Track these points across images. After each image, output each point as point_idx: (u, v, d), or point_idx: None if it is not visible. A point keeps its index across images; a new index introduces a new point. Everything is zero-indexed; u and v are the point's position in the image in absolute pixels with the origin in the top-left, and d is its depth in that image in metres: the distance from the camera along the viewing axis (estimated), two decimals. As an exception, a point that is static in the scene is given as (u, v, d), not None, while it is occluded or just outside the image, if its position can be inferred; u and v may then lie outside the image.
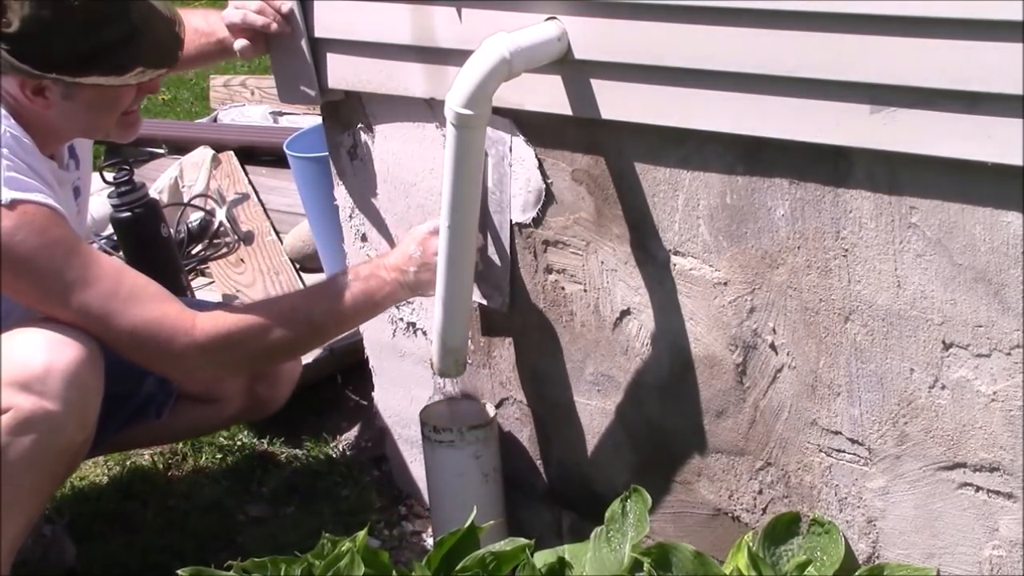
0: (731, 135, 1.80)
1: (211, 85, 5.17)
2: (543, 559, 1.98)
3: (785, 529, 1.95)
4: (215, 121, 4.74)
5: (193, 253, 3.61)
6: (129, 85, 2.17)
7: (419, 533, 2.62)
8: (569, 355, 2.21)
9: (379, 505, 2.70)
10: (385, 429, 2.74)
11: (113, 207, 3.16)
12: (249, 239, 3.62)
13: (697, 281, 1.96)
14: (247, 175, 4.00)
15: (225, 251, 3.61)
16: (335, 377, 3.01)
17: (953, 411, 1.74)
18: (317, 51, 2.28)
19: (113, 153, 4.14)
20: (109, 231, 3.49)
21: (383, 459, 2.81)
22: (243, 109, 4.74)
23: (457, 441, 2.28)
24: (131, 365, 2.22)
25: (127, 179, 3.14)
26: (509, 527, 2.34)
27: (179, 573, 1.87)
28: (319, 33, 2.25)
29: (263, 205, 3.81)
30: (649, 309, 2.05)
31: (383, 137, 2.36)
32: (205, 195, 3.80)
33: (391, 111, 2.30)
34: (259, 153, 4.16)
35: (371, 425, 2.88)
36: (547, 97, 1.98)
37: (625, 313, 2.09)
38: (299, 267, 3.43)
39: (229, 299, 3.32)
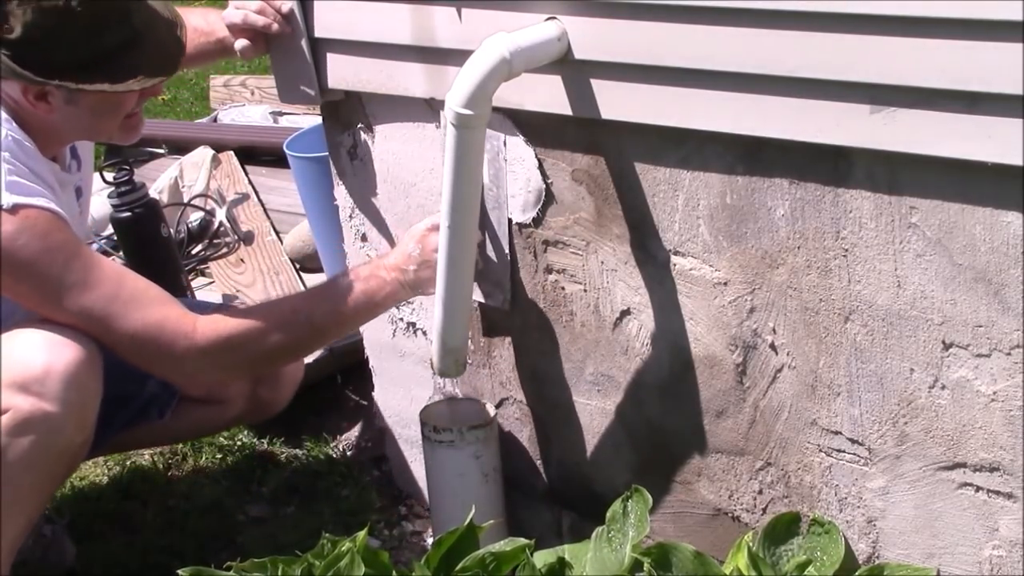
0: (731, 135, 1.80)
1: (211, 85, 5.16)
2: (543, 559, 1.98)
3: (785, 529, 1.95)
4: (215, 121, 4.73)
5: (193, 253, 3.61)
6: (132, 91, 2.17)
7: (419, 533, 2.62)
8: (569, 355, 2.21)
9: (379, 505, 2.69)
10: (385, 429, 2.74)
11: (113, 207, 3.16)
12: (249, 239, 3.62)
13: (697, 281, 1.96)
14: (247, 175, 3.99)
15: (225, 251, 3.61)
16: (335, 377, 3.01)
17: (953, 411, 1.74)
18: (317, 51, 2.28)
19: (113, 153, 4.13)
20: (109, 231, 3.49)
21: (383, 459, 2.81)
22: (243, 109, 4.73)
23: (457, 441, 2.28)
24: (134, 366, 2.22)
25: (127, 179, 3.14)
26: (509, 527, 2.33)
27: (179, 573, 1.88)
28: (319, 33, 2.25)
29: (263, 205, 3.81)
30: (649, 309, 2.05)
31: (383, 137, 2.36)
32: (205, 195, 3.80)
33: (391, 111, 2.30)
34: (259, 153, 4.16)
35: (371, 425, 2.88)
36: (547, 97, 1.98)
37: (625, 313, 2.09)
38: (299, 267, 3.43)
39: (229, 299, 3.32)
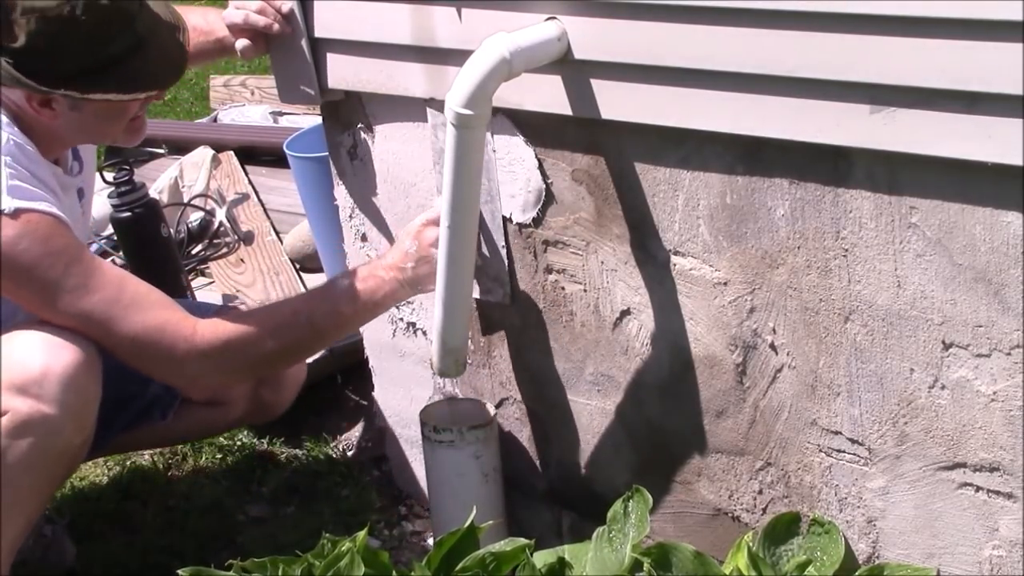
0: (731, 135, 1.80)
1: (211, 85, 5.16)
2: (543, 559, 1.98)
3: (785, 529, 1.95)
4: (215, 121, 4.73)
5: (193, 253, 3.61)
6: (137, 99, 2.17)
7: (419, 533, 2.62)
8: (569, 355, 2.21)
9: (379, 505, 2.69)
10: (385, 429, 2.74)
11: (113, 207, 3.16)
12: (249, 239, 3.62)
13: (697, 281, 1.96)
14: (247, 175, 3.99)
15: (225, 251, 3.61)
16: (335, 377, 3.01)
17: (953, 411, 1.74)
18: (317, 51, 2.28)
19: (113, 153, 4.13)
20: (109, 231, 3.48)
21: (383, 459, 2.81)
22: (243, 109, 4.73)
23: (457, 441, 2.28)
24: None
25: (127, 179, 3.13)
26: (509, 527, 2.33)
27: (179, 573, 1.88)
28: (319, 33, 2.25)
29: (263, 205, 3.81)
30: (649, 309, 2.05)
31: (383, 137, 2.36)
32: (205, 195, 3.79)
33: (391, 111, 2.30)
34: (259, 153, 4.16)
35: (371, 425, 2.88)
36: (547, 97, 1.98)
37: (625, 313, 2.09)
38: (299, 267, 3.43)
39: (229, 299, 3.32)
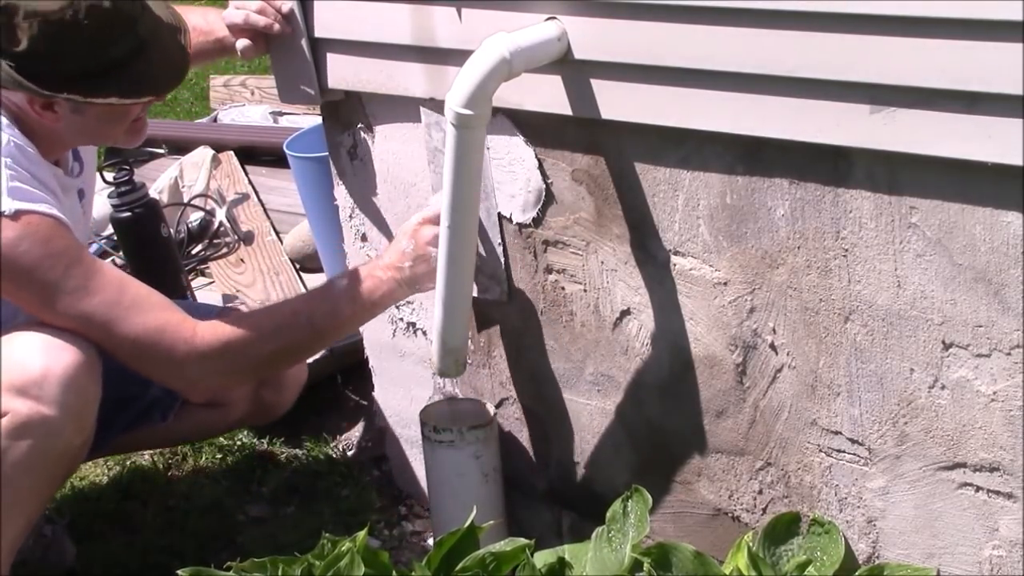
0: (731, 135, 1.80)
1: (211, 85, 5.16)
2: (543, 559, 1.98)
3: (785, 529, 1.95)
4: (215, 121, 4.73)
5: (193, 253, 3.61)
6: (139, 102, 2.17)
7: (419, 533, 2.62)
8: (569, 355, 2.21)
9: (379, 505, 2.69)
10: (385, 429, 2.74)
11: (113, 207, 3.16)
12: (249, 239, 3.62)
13: (697, 281, 1.96)
14: (247, 175, 3.99)
15: (225, 251, 3.61)
16: (335, 377, 3.01)
17: (953, 411, 1.74)
18: (317, 51, 2.28)
19: (113, 153, 4.13)
20: (109, 231, 3.48)
21: (383, 459, 2.81)
22: (243, 109, 4.73)
23: (457, 441, 2.28)
24: None
25: (127, 179, 3.13)
26: (509, 527, 2.33)
27: (179, 573, 1.88)
28: (319, 33, 2.25)
29: (263, 205, 3.81)
30: (649, 309, 2.05)
31: (383, 137, 2.36)
32: (205, 195, 3.79)
33: (391, 111, 2.30)
34: (259, 153, 4.16)
35: (371, 425, 2.88)
36: (547, 97, 1.98)
37: (625, 313, 2.09)
38: (299, 267, 3.43)
39: (229, 299, 3.32)
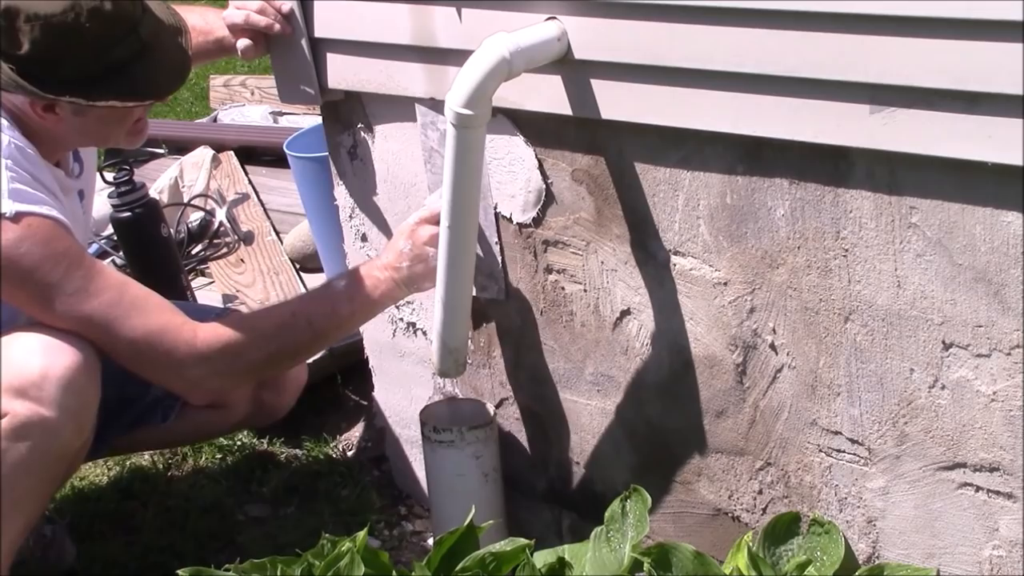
0: (731, 135, 1.80)
1: (211, 85, 5.16)
2: (543, 559, 1.98)
3: (785, 529, 1.95)
4: (215, 121, 4.73)
5: (193, 253, 3.61)
6: (141, 104, 2.18)
7: (419, 533, 2.62)
8: (569, 355, 2.21)
9: (379, 505, 2.69)
10: (385, 429, 2.74)
11: (113, 207, 3.16)
12: (249, 239, 3.62)
13: (697, 281, 1.96)
14: (247, 175, 4.00)
15: (225, 251, 3.61)
16: (335, 377, 3.01)
17: (953, 411, 1.74)
18: (317, 51, 2.28)
19: (113, 153, 4.13)
20: (109, 231, 3.48)
21: (383, 459, 2.81)
22: (243, 109, 4.74)
23: (457, 441, 2.28)
24: None
25: (127, 179, 3.13)
26: (509, 527, 2.33)
27: (179, 573, 1.88)
28: (319, 33, 2.25)
29: (263, 205, 3.81)
30: (649, 309, 2.05)
31: (383, 137, 2.36)
32: (205, 195, 3.79)
33: (391, 111, 2.30)
34: (259, 153, 4.16)
35: (371, 425, 2.88)
36: (547, 97, 1.98)
37: (625, 313, 2.09)
38: (299, 267, 3.43)
39: (229, 299, 3.32)
